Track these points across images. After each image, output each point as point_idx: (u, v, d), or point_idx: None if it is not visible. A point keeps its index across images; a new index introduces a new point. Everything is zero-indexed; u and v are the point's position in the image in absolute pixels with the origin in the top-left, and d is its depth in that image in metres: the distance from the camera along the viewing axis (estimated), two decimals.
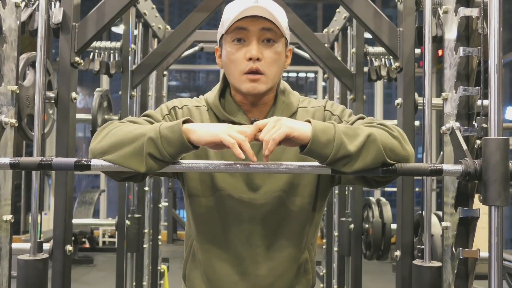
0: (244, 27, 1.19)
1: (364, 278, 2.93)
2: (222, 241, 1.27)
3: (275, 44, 1.21)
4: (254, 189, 1.25)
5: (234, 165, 1.16)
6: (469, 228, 1.67)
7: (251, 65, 1.19)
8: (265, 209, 1.25)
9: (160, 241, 3.54)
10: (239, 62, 1.20)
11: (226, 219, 1.26)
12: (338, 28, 3.32)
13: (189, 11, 6.92)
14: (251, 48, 1.18)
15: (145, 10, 3.10)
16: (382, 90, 8.37)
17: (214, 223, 1.27)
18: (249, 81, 1.20)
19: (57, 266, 1.90)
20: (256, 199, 1.25)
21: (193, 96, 1.42)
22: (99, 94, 2.94)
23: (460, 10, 1.61)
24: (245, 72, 1.20)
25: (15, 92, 1.75)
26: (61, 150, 1.94)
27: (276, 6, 1.23)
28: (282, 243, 1.27)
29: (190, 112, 1.28)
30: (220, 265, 1.27)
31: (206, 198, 1.26)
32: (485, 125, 1.36)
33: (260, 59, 1.19)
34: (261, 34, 1.19)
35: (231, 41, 1.21)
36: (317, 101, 1.33)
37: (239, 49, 1.20)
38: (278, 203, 1.25)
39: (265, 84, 1.21)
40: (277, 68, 1.23)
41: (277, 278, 1.28)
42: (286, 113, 1.27)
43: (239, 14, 1.17)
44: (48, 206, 7.36)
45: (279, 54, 1.22)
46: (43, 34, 1.84)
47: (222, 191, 1.25)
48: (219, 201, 1.25)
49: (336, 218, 3.28)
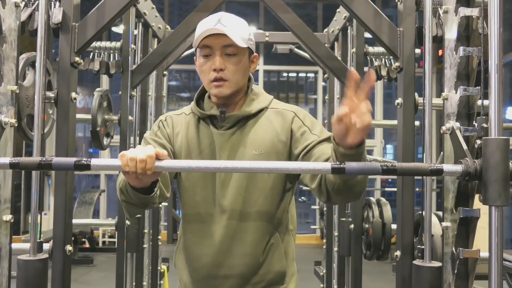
0: (209, 45, 1.42)
1: (364, 278, 2.93)
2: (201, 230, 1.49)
3: (236, 55, 1.44)
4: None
5: (232, 165, 1.21)
6: (469, 228, 1.67)
7: (216, 74, 1.43)
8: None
9: (160, 241, 3.54)
10: (207, 73, 1.44)
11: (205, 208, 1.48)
12: (338, 28, 3.32)
13: (189, 11, 6.92)
14: (215, 61, 1.42)
15: (145, 10, 3.10)
16: (382, 90, 8.38)
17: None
18: (215, 87, 1.44)
19: (57, 266, 1.90)
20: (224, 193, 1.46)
21: (192, 96, 1.56)
22: (99, 94, 2.94)
23: (460, 10, 1.61)
24: (211, 80, 1.43)
25: (15, 92, 1.75)
26: (61, 150, 1.94)
27: (237, 22, 1.45)
28: (249, 224, 1.45)
29: (172, 120, 1.55)
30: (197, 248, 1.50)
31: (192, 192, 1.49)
32: (485, 125, 1.36)
33: (223, 69, 1.42)
34: (222, 50, 1.42)
35: (201, 55, 1.45)
36: (289, 106, 1.53)
37: (206, 62, 1.44)
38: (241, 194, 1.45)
39: (228, 88, 1.44)
40: (240, 75, 1.45)
41: (245, 255, 1.46)
42: (253, 107, 1.49)
43: (202, 33, 1.40)
44: (48, 206, 7.36)
45: (242, 63, 1.45)
46: (43, 34, 1.84)
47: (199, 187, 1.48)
48: (199, 193, 1.48)
49: (336, 218, 3.28)
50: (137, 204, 1.37)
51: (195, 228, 1.49)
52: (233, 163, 1.26)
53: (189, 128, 1.51)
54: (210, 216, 1.46)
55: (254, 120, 1.49)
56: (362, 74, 2.93)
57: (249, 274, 1.46)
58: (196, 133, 1.50)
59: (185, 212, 1.51)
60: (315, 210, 7.25)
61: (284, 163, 1.21)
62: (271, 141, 1.45)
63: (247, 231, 1.45)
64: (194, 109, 1.53)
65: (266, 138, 1.46)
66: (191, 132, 1.50)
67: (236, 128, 1.47)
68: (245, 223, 1.45)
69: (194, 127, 1.51)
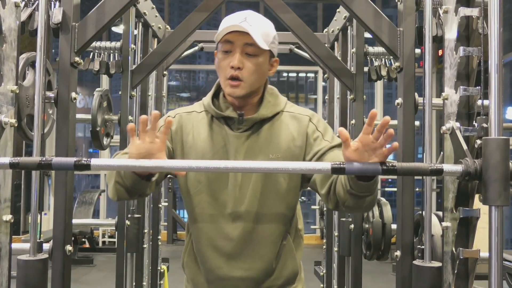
0: (231, 40, 1.39)
1: (364, 278, 2.92)
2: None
3: (256, 56, 1.41)
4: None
5: (232, 165, 1.23)
6: (469, 228, 1.67)
7: (233, 72, 1.39)
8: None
9: (160, 241, 3.54)
10: (224, 69, 1.41)
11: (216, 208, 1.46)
12: (338, 28, 3.31)
13: (189, 11, 6.91)
14: (234, 58, 1.39)
15: (145, 10, 3.10)
16: (382, 90, 8.37)
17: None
18: (230, 86, 1.41)
19: (57, 266, 1.90)
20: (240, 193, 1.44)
21: (192, 96, 1.55)
22: (99, 94, 2.94)
23: (460, 10, 1.61)
24: (227, 77, 1.40)
25: (14, 92, 1.75)
26: (61, 150, 1.94)
27: (263, 23, 1.42)
28: (265, 225, 1.44)
29: (182, 119, 1.50)
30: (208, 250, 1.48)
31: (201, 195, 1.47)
32: (485, 125, 1.36)
33: (241, 68, 1.39)
34: (243, 48, 1.39)
35: (221, 50, 1.42)
36: (304, 110, 1.53)
37: (225, 58, 1.41)
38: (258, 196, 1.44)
39: (243, 89, 1.41)
40: (257, 77, 1.42)
41: (258, 259, 1.45)
42: (271, 111, 1.47)
43: (227, 28, 1.38)
44: (48, 206, 7.35)
45: (260, 65, 1.42)
46: (43, 34, 1.84)
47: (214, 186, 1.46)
48: (210, 195, 1.46)
49: (336, 218, 3.28)
50: (128, 189, 1.34)
51: (208, 230, 1.46)
52: (234, 163, 1.27)
53: (202, 128, 1.48)
54: (225, 218, 1.44)
55: (270, 123, 1.47)
56: (362, 74, 2.93)
57: (264, 276, 1.47)
58: (209, 133, 1.46)
59: (196, 214, 1.48)
60: (315, 210, 7.26)
61: (284, 163, 1.21)
62: (288, 145, 1.45)
63: (262, 234, 1.44)
64: (209, 107, 1.49)
65: (282, 142, 1.45)
66: (204, 132, 1.47)
67: (252, 130, 1.45)
68: (261, 225, 1.44)
69: (207, 127, 1.47)
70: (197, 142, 1.46)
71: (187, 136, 1.48)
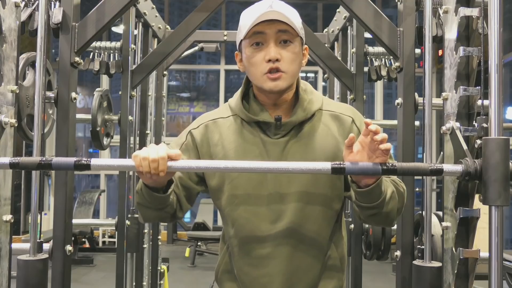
0: (261, 31, 1.26)
1: (364, 278, 2.92)
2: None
3: (291, 44, 1.28)
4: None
5: (238, 165, 1.21)
6: (469, 228, 1.66)
7: (271, 65, 1.26)
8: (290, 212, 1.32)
9: (160, 241, 3.54)
10: (259, 64, 1.27)
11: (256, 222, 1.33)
12: (338, 28, 3.31)
13: (189, 11, 6.92)
14: (269, 51, 1.25)
15: (145, 10, 3.10)
16: (382, 90, 8.38)
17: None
18: (270, 80, 1.26)
19: (57, 266, 1.90)
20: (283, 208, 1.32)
21: (193, 96, 1.49)
22: (99, 94, 2.94)
23: (460, 10, 1.61)
24: (265, 72, 1.26)
25: (15, 92, 1.75)
26: (61, 150, 1.94)
27: (290, 8, 1.30)
28: (306, 242, 1.33)
29: (207, 129, 1.36)
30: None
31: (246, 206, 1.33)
32: (485, 125, 1.36)
33: (279, 60, 1.26)
34: (277, 36, 1.26)
35: (250, 45, 1.28)
36: (344, 108, 1.39)
37: (258, 52, 1.27)
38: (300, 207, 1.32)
39: (285, 81, 1.27)
40: (296, 66, 1.29)
41: (303, 274, 1.33)
42: (309, 110, 1.33)
43: (256, 19, 1.24)
44: (48, 206, 7.36)
45: (297, 53, 1.29)
46: (43, 34, 1.84)
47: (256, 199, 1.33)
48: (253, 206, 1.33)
49: None
50: (151, 207, 1.27)
51: (249, 249, 1.34)
52: (243, 163, 1.22)
53: (231, 136, 1.33)
54: (266, 234, 1.31)
55: (309, 125, 1.33)
56: (362, 74, 2.93)
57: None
58: (241, 141, 1.32)
59: (236, 230, 1.34)
60: None
61: (284, 163, 1.21)
62: (333, 150, 1.32)
63: (306, 248, 1.33)
64: (239, 111, 1.34)
65: (327, 147, 1.32)
66: (235, 140, 1.33)
67: (291, 135, 1.32)
68: (305, 239, 1.32)
69: (238, 134, 1.33)
70: (228, 152, 1.32)
71: (215, 148, 1.34)
